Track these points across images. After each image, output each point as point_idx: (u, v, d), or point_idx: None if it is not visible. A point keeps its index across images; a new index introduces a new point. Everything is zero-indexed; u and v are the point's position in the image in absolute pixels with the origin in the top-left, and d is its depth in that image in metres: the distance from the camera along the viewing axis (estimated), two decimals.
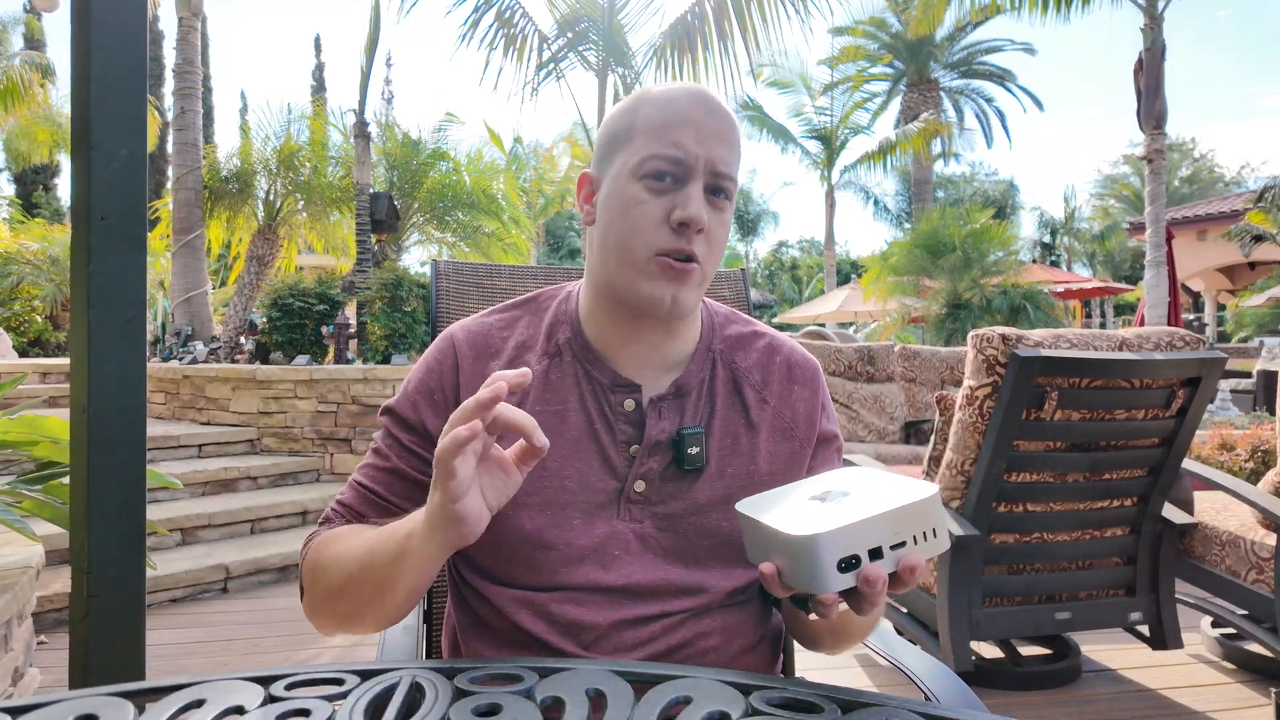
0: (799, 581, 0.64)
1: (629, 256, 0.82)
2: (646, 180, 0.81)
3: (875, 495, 0.66)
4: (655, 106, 0.83)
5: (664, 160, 0.81)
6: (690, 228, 0.80)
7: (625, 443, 0.86)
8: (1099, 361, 2.02)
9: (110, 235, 1.13)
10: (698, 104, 0.82)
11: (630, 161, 0.82)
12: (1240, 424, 4.81)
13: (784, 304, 31.03)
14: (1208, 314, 18.03)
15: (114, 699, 0.56)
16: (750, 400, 0.90)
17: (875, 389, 4.89)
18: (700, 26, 7.78)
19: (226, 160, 8.16)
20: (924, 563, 0.65)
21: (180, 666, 2.66)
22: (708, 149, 0.81)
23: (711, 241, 0.83)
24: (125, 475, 1.14)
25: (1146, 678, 2.45)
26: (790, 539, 0.63)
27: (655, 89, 0.86)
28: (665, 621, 0.84)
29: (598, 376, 0.87)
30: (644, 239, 0.81)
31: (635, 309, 0.84)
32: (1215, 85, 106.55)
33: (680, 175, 0.81)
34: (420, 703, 0.56)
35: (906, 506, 0.63)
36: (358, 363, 5.47)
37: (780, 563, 0.65)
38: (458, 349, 0.90)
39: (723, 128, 0.82)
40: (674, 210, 0.80)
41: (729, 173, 0.82)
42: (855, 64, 19.99)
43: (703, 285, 0.84)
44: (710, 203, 0.82)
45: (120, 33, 1.14)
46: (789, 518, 0.66)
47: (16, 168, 15.76)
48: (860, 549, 0.62)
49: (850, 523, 0.62)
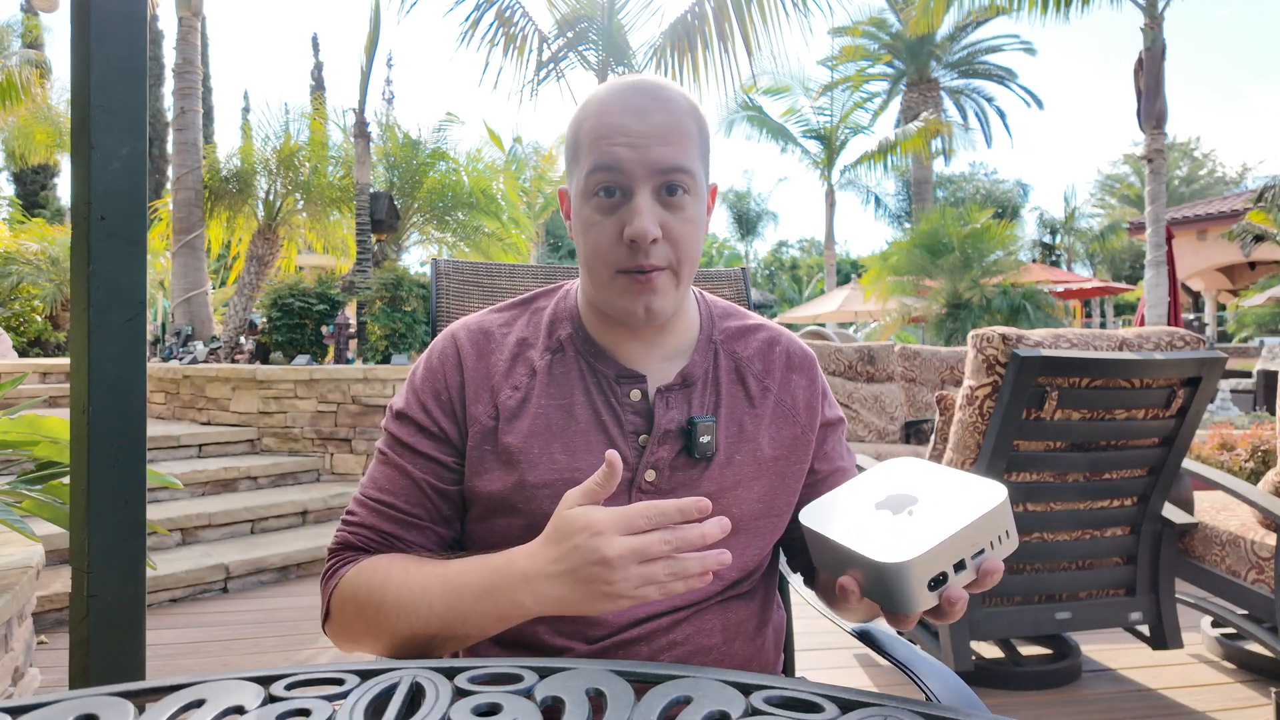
0: (884, 601, 0.63)
1: (596, 276, 0.83)
2: (595, 199, 0.81)
3: (948, 503, 0.64)
4: (592, 117, 0.81)
5: (604, 175, 0.79)
6: (640, 243, 0.79)
7: (634, 433, 0.86)
8: (1099, 361, 2.01)
9: (110, 235, 1.13)
10: (627, 110, 0.80)
11: (580, 180, 0.82)
12: (1240, 424, 4.82)
13: (784, 304, 31.03)
14: (1208, 314, 18.01)
15: (114, 699, 0.56)
16: (753, 389, 0.91)
17: (875, 389, 4.89)
18: (700, 26, 7.78)
19: (226, 160, 8.16)
20: (1002, 564, 0.64)
21: (180, 666, 2.66)
22: (644, 153, 0.78)
23: (676, 240, 0.81)
24: (125, 475, 1.14)
25: (1146, 678, 2.45)
26: (879, 565, 0.61)
27: (594, 96, 0.83)
28: (673, 616, 0.85)
29: (602, 369, 0.88)
30: (604, 259, 0.82)
31: (616, 320, 0.86)
32: (1215, 85, 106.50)
33: (624, 186, 0.80)
34: (420, 703, 0.56)
35: (985, 515, 0.62)
36: (358, 363, 5.48)
37: (861, 579, 0.64)
38: (460, 347, 0.90)
39: (661, 122, 0.79)
40: (624, 228, 0.79)
41: (677, 165, 0.79)
42: (855, 64, 19.99)
43: (680, 284, 0.83)
44: (665, 203, 0.80)
45: (120, 33, 1.14)
46: (868, 537, 0.64)
47: (15, 167, 15.76)
48: (947, 565, 0.62)
49: (937, 544, 0.61)
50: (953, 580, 0.62)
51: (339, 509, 4.38)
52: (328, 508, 4.32)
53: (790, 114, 17.41)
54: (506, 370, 0.88)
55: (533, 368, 0.88)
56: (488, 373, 0.88)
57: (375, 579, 0.79)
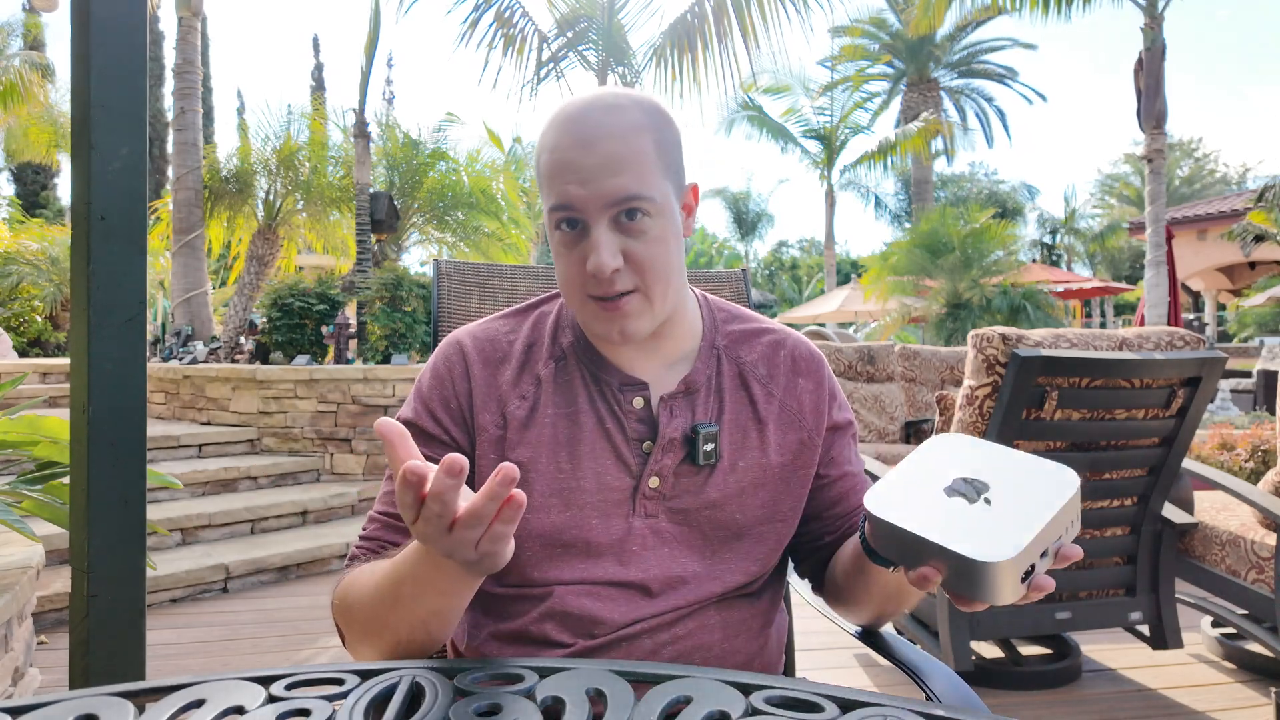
0: (970, 593, 0.62)
1: (571, 300, 0.85)
2: (559, 232, 0.82)
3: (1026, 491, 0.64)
4: (546, 153, 0.81)
5: (561, 213, 0.80)
6: (599, 276, 0.79)
7: (637, 440, 0.87)
8: (1099, 361, 2.01)
9: (110, 235, 1.13)
10: (576, 143, 0.79)
11: (546, 211, 0.83)
12: (1240, 424, 4.82)
13: (784, 304, 31.03)
14: (1208, 314, 18.02)
15: (114, 699, 0.56)
16: (757, 394, 0.91)
17: (875, 389, 4.89)
18: (700, 26, 7.78)
19: (226, 160, 8.17)
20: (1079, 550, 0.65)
21: (180, 666, 2.66)
22: (596, 187, 0.78)
23: (639, 264, 0.80)
24: (125, 475, 1.14)
25: (1146, 677, 2.45)
26: (976, 563, 0.60)
27: (549, 126, 0.82)
28: (676, 614, 0.85)
29: (604, 377, 0.88)
30: (574, 287, 0.83)
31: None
32: (1215, 85, 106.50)
33: (582, 220, 0.80)
34: (420, 702, 0.56)
35: (1067, 505, 0.62)
36: (358, 363, 5.48)
37: (944, 570, 0.63)
38: (467, 356, 0.90)
39: (608, 152, 0.78)
40: (586, 260, 0.80)
41: (629, 195, 0.78)
42: (855, 63, 19.99)
43: (654, 303, 0.83)
44: (625, 229, 0.80)
45: (120, 33, 1.14)
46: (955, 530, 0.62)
47: (14, 162, 15.75)
48: (1036, 557, 0.62)
49: (1032, 540, 0.60)
50: (1039, 568, 0.62)
51: (339, 509, 4.38)
52: (328, 508, 4.32)
53: (790, 114, 17.42)
54: (514, 379, 0.88)
55: (538, 376, 0.89)
56: (496, 381, 0.88)
57: (349, 581, 0.81)
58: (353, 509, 4.45)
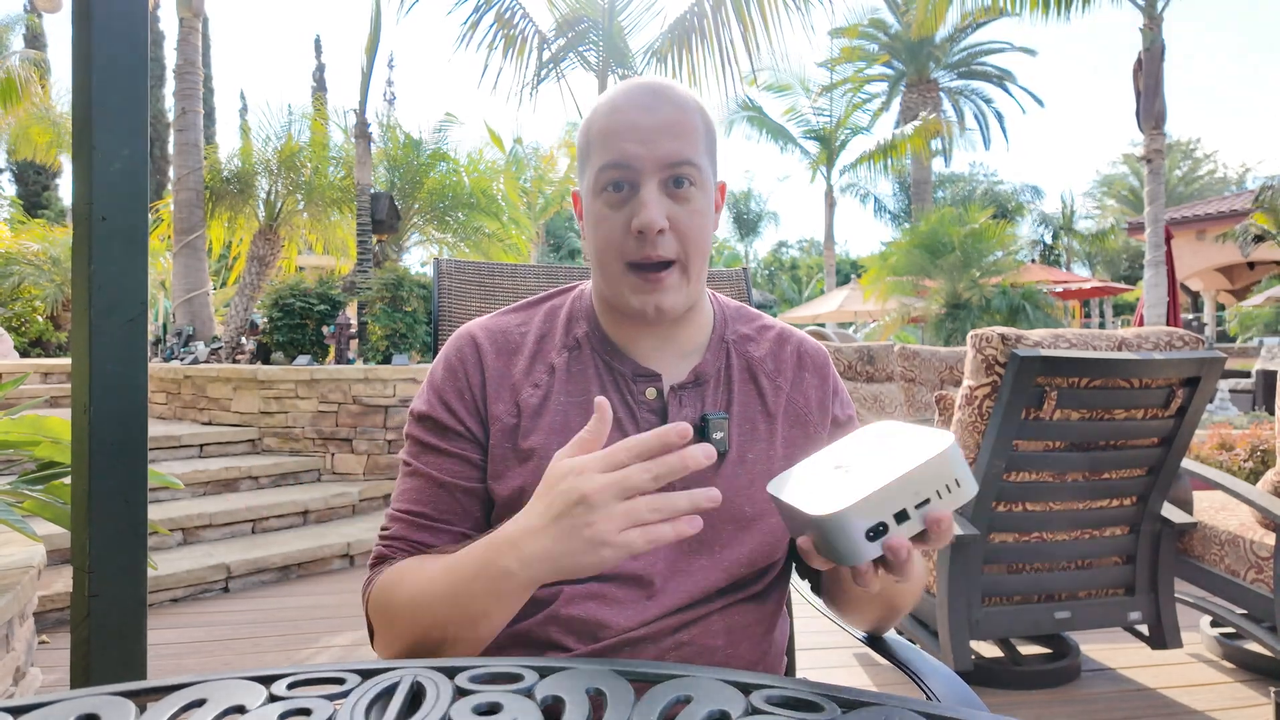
0: (833, 555, 0.64)
1: (607, 271, 0.85)
2: (605, 194, 0.83)
3: (892, 457, 0.65)
4: (602, 117, 0.84)
5: (614, 170, 0.82)
6: (648, 234, 0.81)
7: (648, 429, 0.87)
8: (1098, 361, 2.02)
9: (111, 235, 1.13)
10: (637, 106, 0.83)
11: (590, 177, 0.85)
12: (1239, 424, 4.82)
13: (784, 304, 31.03)
14: (1207, 314, 18.01)
15: (115, 698, 0.56)
16: (765, 388, 0.92)
17: (875, 389, 4.89)
18: (700, 26, 7.78)
19: (227, 161, 8.17)
20: (951, 514, 0.64)
21: (181, 666, 2.66)
22: (653, 148, 0.81)
23: (683, 232, 0.83)
24: (126, 475, 1.14)
25: (1146, 677, 2.45)
26: (815, 519, 0.63)
27: (605, 98, 0.86)
28: (680, 617, 0.85)
29: (619, 367, 0.89)
30: (613, 253, 0.84)
31: (629, 317, 0.87)
32: (1215, 85, 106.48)
33: (632, 180, 0.82)
34: (421, 702, 0.57)
35: (924, 465, 0.63)
36: (359, 363, 5.48)
37: (814, 538, 0.65)
38: (480, 345, 0.90)
39: (668, 117, 0.82)
40: (632, 219, 0.81)
41: (684, 158, 0.82)
42: (854, 64, 19.99)
43: (690, 279, 0.85)
44: (672, 195, 0.82)
45: (121, 34, 1.14)
46: (813, 495, 0.65)
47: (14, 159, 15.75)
48: (885, 515, 0.62)
49: (870, 493, 0.61)
50: (895, 530, 0.63)
51: (340, 509, 4.38)
52: (328, 507, 4.33)
53: (790, 114, 17.41)
54: (527, 368, 0.89)
55: (551, 365, 0.89)
56: (509, 371, 0.89)
57: (392, 580, 0.80)
58: (354, 509, 4.45)
